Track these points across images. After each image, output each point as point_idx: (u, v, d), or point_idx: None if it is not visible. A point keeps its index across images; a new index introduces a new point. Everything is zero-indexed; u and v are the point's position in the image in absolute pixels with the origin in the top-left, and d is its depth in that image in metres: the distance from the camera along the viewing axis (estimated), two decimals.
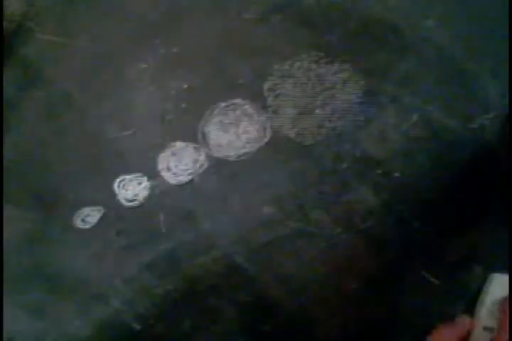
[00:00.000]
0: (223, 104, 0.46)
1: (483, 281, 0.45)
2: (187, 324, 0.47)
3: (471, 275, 0.45)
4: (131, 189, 0.47)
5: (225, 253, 0.46)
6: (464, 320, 0.43)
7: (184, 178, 0.46)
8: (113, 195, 0.47)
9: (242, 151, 0.46)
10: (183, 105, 0.46)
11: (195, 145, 0.47)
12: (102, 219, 0.47)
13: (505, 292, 0.42)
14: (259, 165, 0.46)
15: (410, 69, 0.45)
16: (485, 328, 0.42)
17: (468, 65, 0.45)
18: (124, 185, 0.47)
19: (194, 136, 0.46)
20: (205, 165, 0.46)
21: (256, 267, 0.46)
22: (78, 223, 0.47)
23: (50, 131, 0.47)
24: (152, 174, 0.47)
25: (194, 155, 0.46)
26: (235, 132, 0.46)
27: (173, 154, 0.47)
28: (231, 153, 0.46)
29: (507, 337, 0.40)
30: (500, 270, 0.44)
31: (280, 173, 0.46)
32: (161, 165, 0.47)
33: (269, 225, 0.46)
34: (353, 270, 0.46)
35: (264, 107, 0.46)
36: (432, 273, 0.45)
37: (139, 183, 0.47)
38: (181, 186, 0.46)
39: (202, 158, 0.46)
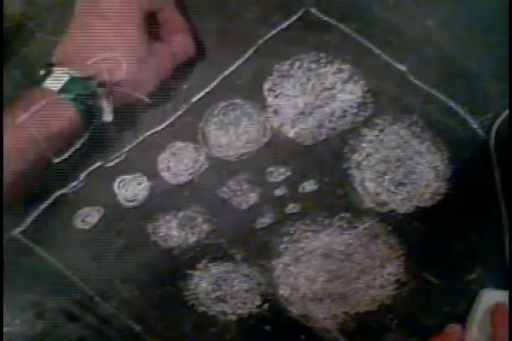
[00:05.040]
0: (223, 104, 0.46)
1: (483, 281, 0.45)
2: (187, 324, 0.47)
3: (471, 275, 0.45)
4: (131, 189, 0.47)
5: (225, 254, 0.46)
6: (454, 331, 0.43)
7: (184, 178, 0.46)
8: (113, 195, 0.47)
9: (242, 151, 0.46)
10: (183, 105, 0.46)
11: (195, 145, 0.47)
12: (102, 219, 0.47)
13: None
14: (259, 165, 0.46)
15: (410, 69, 0.45)
16: None
17: (468, 65, 0.45)
18: (124, 185, 0.47)
19: (194, 136, 0.46)
20: (205, 165, 0.46)
21: (255, 267, 0.46)
22: (78, 223, 0.47)
23: None
24: (152, 174, 0.46)
25: (194, 155, 0.46)
26: (234, 132, 0.46)
27: (173, 154, 0.47)
28: (231, 153, 0.46)
29: None
30: (499, 271, 0.44)
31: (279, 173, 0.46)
32: (161, 165, 0.47)
33: (268, 225, 0.46)
34: (352, 269, 0.46)
35: (264, 107, 0.46)
36: (432, 273, 0.45)
37: (139, 183, 0.47)
38: (181, 186, 0.46)
39: (202, 158, 0.46)
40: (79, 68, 0.39)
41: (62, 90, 0.38)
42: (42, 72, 0.39)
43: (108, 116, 0.40)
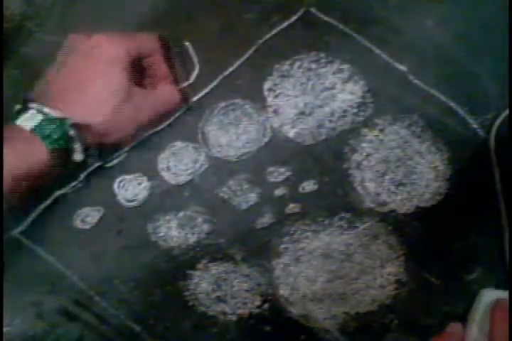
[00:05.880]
0: (223, 104, 0.46)
1: (483, 281, 0.45)
2: (187, 324, 0.47)
3: (471, 275, 0.45)
4: (131, 189, 0.47)
5: (225, 254, 0.46)
6: (455, 331, 0.43)
7: (184, 178, 0.46)
8: (113, 195, 0.47)
9: (242, 151, 0.46)
10: (183, 105, 0.46)
11: (195, 145, 0.47)
12: (101, 219, 0.47)
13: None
14: (259, 165, 0.46)
15: (410, 69, 0.45)
16: None
17: (468, 64, 0.45)
18: (124, 185, 0.47)
19: (194, 136, 0.46)
20: (205, 165, 0.46)
21: (255, 267, 0.46)
22: (78, 223, 0.47)
23: None
24: (152, 174, 0.46)
25: (194, 155, 0.46)
26: (235, 132, 0.46)
27: (173, 154, 0.47)
28: (231, 153, 0.46)
29: None
30: (499, 271, 0.44)
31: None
32: (161, 165, 0.47)
33: (268, 225, 0.46)
34: (352, 269, 0.46)
35: (264, 107, 0.46)
36: (432, 273, 0.45)
37: (139, 183, 0.47)
38: (181, 186, 0.46)
39: (202, 158, 0.46)
40: (55, 107, 0.38)
41: (36, 129, 0.37)
42: (17, 107, 0.38)
43: (79, 156, 0.40)
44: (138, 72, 0.43)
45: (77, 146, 0.39)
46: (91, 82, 0.39)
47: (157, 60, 0.43)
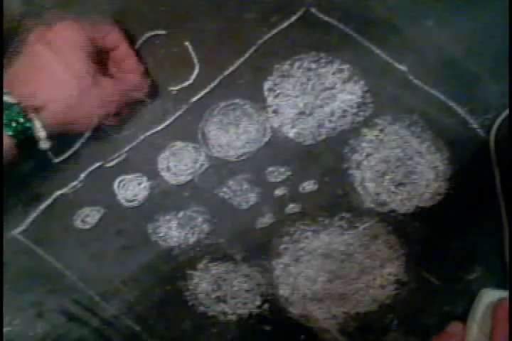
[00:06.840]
0: (223, 104, 0.46)
1: (483, 281, 0.45)
2: (187, 324, 0.47)
3: (471, 275, 0.45)
4: (131, 189, 0.47)
5: (224, 254, 0.47)
6: (455, 330, 0.43)
7: (184, 178, 0.46)
8: (113, 195, 0.47)
9: (242, 151, 0.46)
10: (183, 105, 0.46)
11: (195, 145, 0.47)
12: (101, 219, 0.47)
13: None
14: (259, 165, 0.46)
15: (410, 69, 0.45)
16: None
17: (468, 64, 0.45)
18: (124, 185, 0.47)
19: (194, 136, 0.46)
20: (205, 165, 0.46)
21: (255, 267, 0.46)
22: (78, 223, 0.47)
23: None
24: (152, 174, 0.46)
25: (194, 155, 0.46)
26: (234, 132, 0.46)
27: (173, 154, 0.47)
28: (231, 153, 0.46)
29: None
30: (499, 271, 0.44)
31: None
32: (161, 165, 0.47)
33: (268, 225, 0.46)
34: (352, 269, 0.46)
35: (264, 107, 0.46)
36: (432, 273, 0.45)
37: (139, 183, 0.47)
38: (181, 186, 0.46)
39: (202, 158, 0.46)
40: (20, 94, 0.38)
41: None
42: None
43: (44, 144, 0.40)
44: (105, 64, 0.43)
45: (41, 134, 0.39)
46: (54, 67, 0.39)
47: (124, 52, 0.43)
